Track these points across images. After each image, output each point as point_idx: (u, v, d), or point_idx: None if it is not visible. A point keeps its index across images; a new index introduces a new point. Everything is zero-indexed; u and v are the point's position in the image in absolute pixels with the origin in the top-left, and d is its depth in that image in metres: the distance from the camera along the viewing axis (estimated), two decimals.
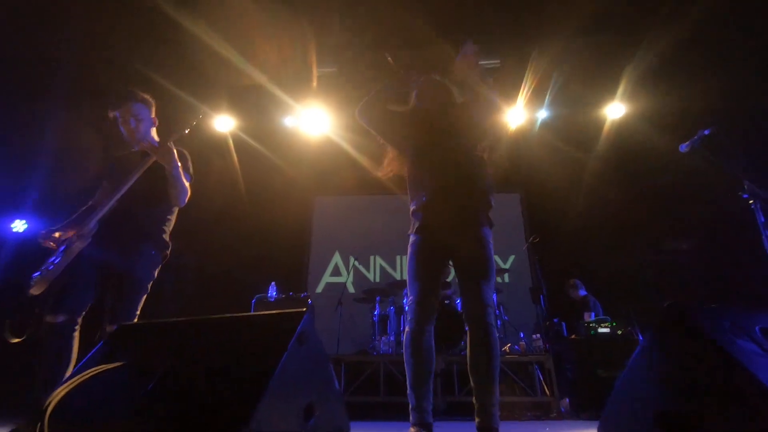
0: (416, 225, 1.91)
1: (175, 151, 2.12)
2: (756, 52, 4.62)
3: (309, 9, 4.55)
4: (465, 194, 1.90)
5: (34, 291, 1.88)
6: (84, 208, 2.20)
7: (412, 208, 1.98)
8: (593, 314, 4.66)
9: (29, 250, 4.78)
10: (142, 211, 2.11)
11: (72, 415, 1.14)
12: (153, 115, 2.37)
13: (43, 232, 2.04)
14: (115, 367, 1.22)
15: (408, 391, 1.76)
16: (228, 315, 1.35)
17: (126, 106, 2.24)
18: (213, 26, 4.66)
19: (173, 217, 2.29)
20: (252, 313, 1.93)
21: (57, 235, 2.03)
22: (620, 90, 5.45)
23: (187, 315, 1.48)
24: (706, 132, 2.31)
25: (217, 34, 4.74)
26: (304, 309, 1.29)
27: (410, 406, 1.74)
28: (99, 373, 1.19)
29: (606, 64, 5.23)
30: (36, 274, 1.90)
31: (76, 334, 1.91)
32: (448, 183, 1.89)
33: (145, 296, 2.06)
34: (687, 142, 2.43)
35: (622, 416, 1.27)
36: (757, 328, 1.18)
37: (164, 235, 2.20)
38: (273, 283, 4.57)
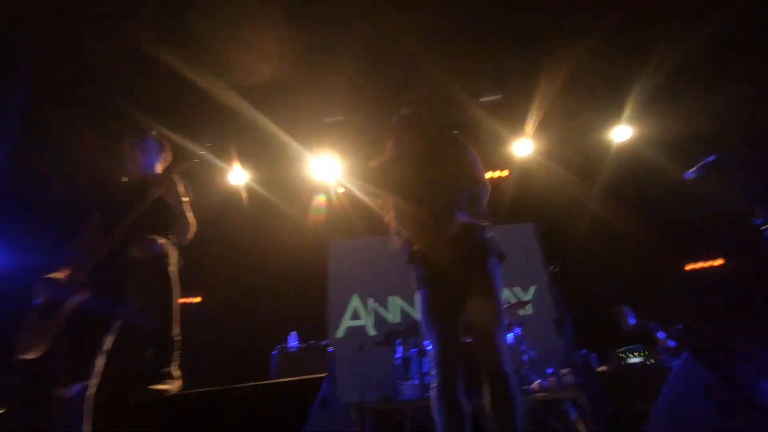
0: (422, 270, 1.91)
1: (180, 183, 2.04)
2: (761, 76, 4.64)
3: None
4: (463, 232, 1.86)
5: (28, 355, 1.70)
6: (75, 244, 2.04)
7: (406, 257, 1.98)
8: (661, 333, 4.35)
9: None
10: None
11: None
12: (164, 155, 2.35)
13: (47, 279, 1.85)
14: None
15: None
16: (243, 385, 1.38)
17: (141, 137, 2.24)
18: (221, 78, 4.83)
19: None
20: (272, 381, 1.86)
21: (60, 278, 1.88)
22: (626, 113, 5.48)
23: (209, 377, 1.50)
24: (711, 158, 2.32)
25: (226, 86, 4.93)
26: (324, 374, 1.31)
27: None
28: None
29: (611, 87, 5.28)
30: (25, 331, 1.72)
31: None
32: (442, 223, 1.86)
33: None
34: (692, 170, 2.43)
35: None
36: None
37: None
38: (293, 332, 4.57)
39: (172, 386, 1.77)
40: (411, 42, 4.55)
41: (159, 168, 2.33)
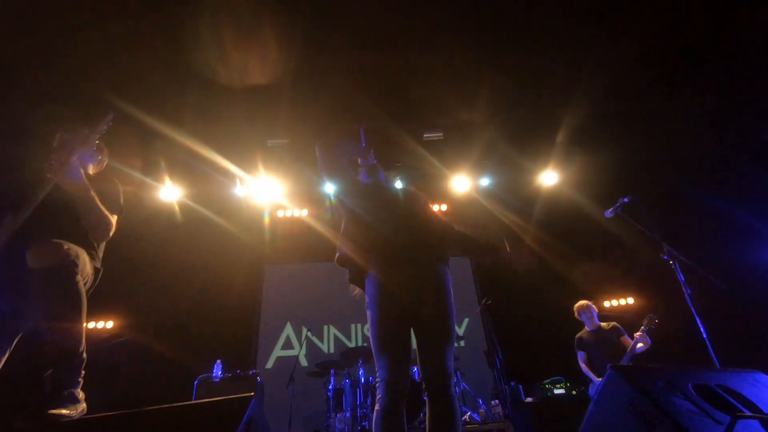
0: (374, 287, 1.86)
1: (81, 171, 1.72)
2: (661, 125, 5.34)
3: (264, 79, 4.71)
4: (419, 250, 1.90)
5: None
6: None
7: (353, 275, 1.97)
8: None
9: None
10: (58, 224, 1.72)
11: None
12: (99, 157, 2.08)
13: None
14: None
15: None
16: (165, 406, 1.24)
17: (74, 134, 1.89)
18: (157, 97, 4.69)
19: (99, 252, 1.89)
20: (192, 402, 1.74)
21: None
22: (552, 160, 6.00)
23: (121, 404, 1.34)
24: (626, 200, 2.57)
25: (164, 104, 4.78)
26: (252, 393, 1.22)
27: None
28: None
29: (538, 135, 5.78)
30: None
31: None
32: (399, 243, 1.90)
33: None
34: (611, 209, 2.68)
35: None
36: (690, 386, 1.25)
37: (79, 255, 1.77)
38: (218, 361, 4.25)
39: (73, 411, 1.54)
40: (353, 74, 4.72)
41: (91, 169, 2.06)
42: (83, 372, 1.72)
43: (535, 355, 5.59)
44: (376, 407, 1.69)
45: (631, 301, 6.09)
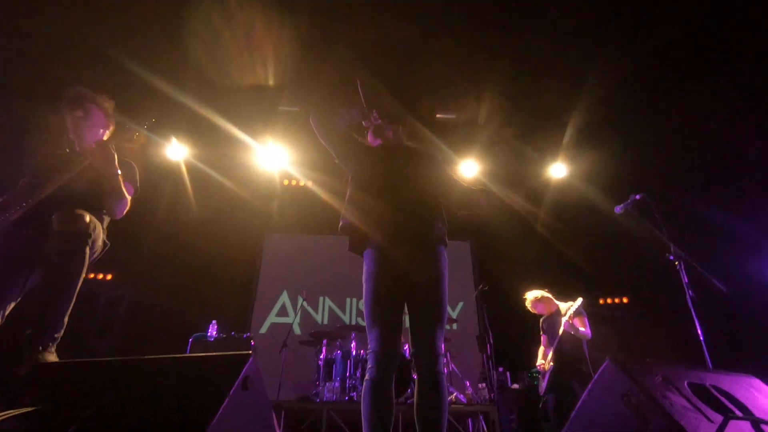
0: (372, 261, 1.86)
1: (115, 154, 1.91)
2: (665, 127, 5.26)
3: (272, 46, 4.64)
4: (420, 229, 1.89)
5: None
6: None
7: (354, 245, 1.94)
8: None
9: None
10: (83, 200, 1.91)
11: None
12: (109, 126, 2.22)
13: None
14: (23, 413, 1.08)
15: None
16: (161, 356, 1.25)
17: (86, 107, 2.09)
18: (168, 56, 4.64)
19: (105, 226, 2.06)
20: (192, 355, 1.78)
21: None
22: (561, 152, 5.93)
23: (118, 353, 1.35)
24: (637, 197, 2.54)
25: (173, 70, 4.73)
26: (249, 352, 1.23)
27: None
28: (3, 420, 1.04)
29: (548, 127, 5.70)
30: None
31: None
32: (402, 219, 1.87)
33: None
34: (621, 205, 2.65)
35: None
36: (686, 383, 1.26)
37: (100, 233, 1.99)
38: (214, 321, 4.31)
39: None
40: (364, 47, 4.61)
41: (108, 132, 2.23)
42: (57, 337, 1.77)
43: (525, 344, 5.65)
44: (366, 377, 1.71)
45: (625, 300, 6.12)
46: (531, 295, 4.30)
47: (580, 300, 3.89)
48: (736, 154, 5.28)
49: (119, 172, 1.95)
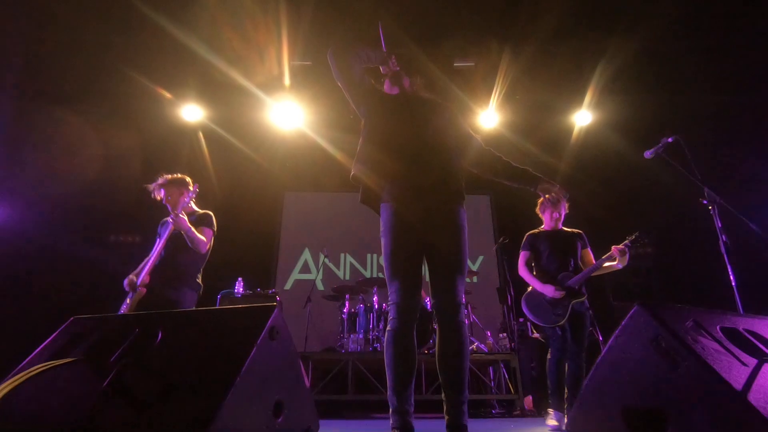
0: (389, 215, 1.82)
1: (185, 217, 2.77)
2: (708, 68, 4.91)
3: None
4: (439, 180, 1.84)
5: None
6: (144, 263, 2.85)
7: (367, 196, 1.91)
8: None
9: None
10: (177, 258, 2.78)
11: (17, 415, 1.05)
12: (187, 188, 3.05)
13: (133, 279, 2.68)
14: (66, 363, 1.14)
15: (389, 393, 1.67)
16: (192, 309, 1.29)
17: (165, 189, 3.01)
18: (182, 16, 4.52)
19: (203, 261, 2.94)
20: (222, 307, 1.91)
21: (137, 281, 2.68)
22: (587, 98, 5.65)
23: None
24: (669, 140, 2.41)
25: (186, 24, 4.62)
26: (274, 304, 1.24)
27: (391, 409, 1.66)
28: (48, 369, 1.10)
29: (574, 72, 5.41)
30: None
31: None
32: (420, 169, 1.82)
33: None
34: (651, 149, 2.52)
35: (591, 412, 1.29)
36: (718, 327, 1.22)
37: (198, 279, 2.86)
38: (240, 278, 4.44)
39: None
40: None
41: (192, 204, 3.07)
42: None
43: None
44: (388, 328, 1.73)
45: (650, 250, 6.00)
46: None
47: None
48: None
49: (191, 227, 2.77)
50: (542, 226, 3.37)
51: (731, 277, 1.80)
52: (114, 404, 1.04)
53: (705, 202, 2.12)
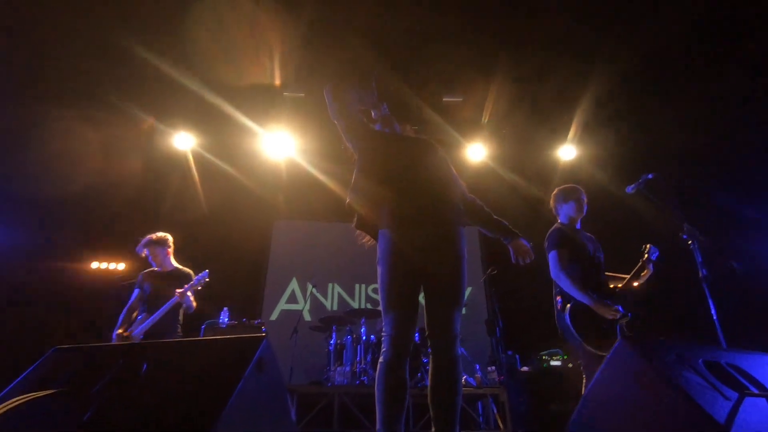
0: (387, 243, 1.80)
1: (190, 294, 3.37)
2: (685, 108, 5.16)
3: (278, 32, 4.60)
4: (436, 208, 1.85)
5: None
6: (129, 311, 3.38)
7: (362, 222, 1.91)
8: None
9: None
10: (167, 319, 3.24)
11: None
12: (168, 246, 3.56)
13: (120, 332, 3.16)
14: (47, 395, 1.11)
15: (378, 428, 1.62)
16: (179, 339, 1.27)
17: (148, 249, 3.48)
18: (173, 45, 4.63)
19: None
20: (208, 338, 1.87)
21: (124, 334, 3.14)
22: (570, 134, 5.86)
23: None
24: (650, 176, 2.50)
25: (178, 54, 4.72)
26: (263, 335, 1.24)
27: None
28: (29, 400, 1.07)
29: (557, 109, 5.62)
30: None
31: None
32: (416, 197, 1.84)
33: None
34: (633, 185, 2.61)
35: None
36: (701, 361, 1.25)
37: (179, 330, 3.37)
38: (225, 308, 4.36)
39: None
40: (369, 30, 4.55)
41: (172, 258, 3.61)
42: None
43: (534, 327, 5.64)
44: (380, 360, 1.69)
45: (635, 284, 6.06)
46: None
47: None
48: (745, 140, 5.20)
49: (192, 302, 3.41)
50: (560, 221, 2.91)
51: (712, 311, 1.84)
52: None
53: (685, 236, 2.19)
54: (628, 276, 2.58)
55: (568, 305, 2.53)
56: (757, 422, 1.06)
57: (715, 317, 1.83)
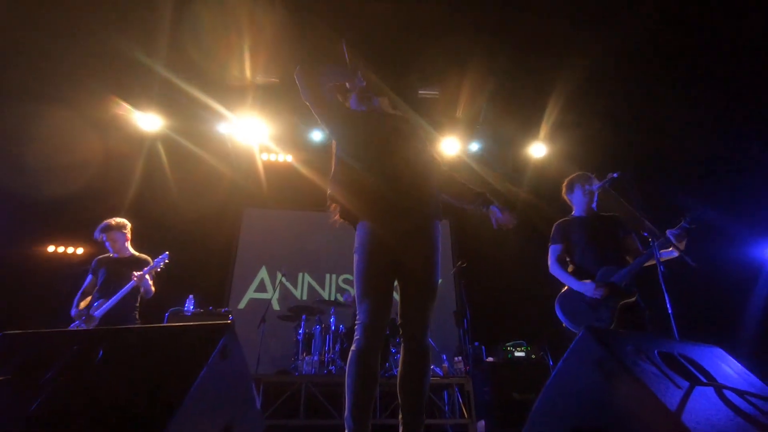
0: (365, 233, 1.80)
1: (148, 278, 3.37)
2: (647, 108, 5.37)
3: (250, 18, 4.47)
4: (417, 200, 1.84)
5: None
6: (82, 296, 3.37)
7: (345, 212, 1.88)
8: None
9: None
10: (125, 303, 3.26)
11: None
12: (127, 232, 3.55)
13: (79, 312, 3.22)
14: None
15: (346, 415, 1.62)
16: (139, 325, 1.22)
17: (106, 234, 3.44)
18: (138, 24, 4.43)
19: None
20: (171, 324, 1.79)
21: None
22: (541, 133, 5.99)
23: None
24: (615, 175, 2.58)
25: (146, 39, 4.53)
26: (228, 321, 1.21)
27: (347, 431, 1.62)
28: None
29: (528, 108, 5.73)
30: None
31: None
32: (398, 187, 1.82)
33: None
34: (599, 183, 2.69)
35: None
36: (656, 352, 1.30)
37: (137, 316, 3.38)
38: (191, 296, 4.25)
39: None
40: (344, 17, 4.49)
41: (129, 244, 3.58)
42: None
43: (501, 319, 5.80)
44: (352, 348, 1.69)
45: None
46: None
47: None
48: (706, 143, 5.45)
49: (150, 281, 3.41)
50: (572, 213, 2.93)
51: (668, 305, 1.93)
52: (44, 430, 0.96)
53: (645, 234, 2.28)
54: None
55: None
56: (706, 410, 1.12)
57: (670, 311, 1.92)
